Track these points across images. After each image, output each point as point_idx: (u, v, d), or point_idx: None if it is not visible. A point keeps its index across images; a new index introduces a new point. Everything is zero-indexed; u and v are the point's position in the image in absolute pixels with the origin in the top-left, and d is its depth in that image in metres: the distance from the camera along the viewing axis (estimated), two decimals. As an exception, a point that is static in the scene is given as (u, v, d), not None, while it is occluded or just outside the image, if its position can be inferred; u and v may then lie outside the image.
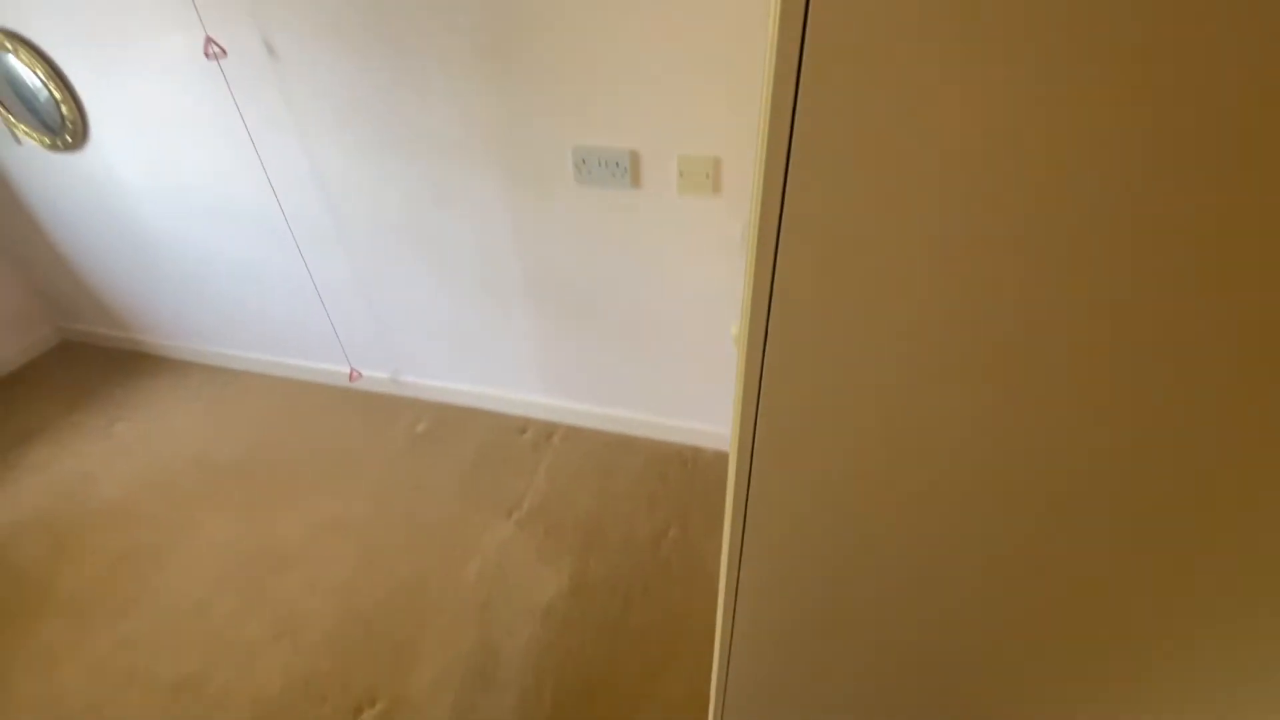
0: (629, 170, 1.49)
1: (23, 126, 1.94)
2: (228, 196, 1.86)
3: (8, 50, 1.75)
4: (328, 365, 2.25)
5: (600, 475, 1.91)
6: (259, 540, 1.75)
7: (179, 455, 2.04)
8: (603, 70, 1.35)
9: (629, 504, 1.82)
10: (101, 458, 2.05)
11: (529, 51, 1.37)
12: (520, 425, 2.10)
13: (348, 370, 2.20)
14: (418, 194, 1.68)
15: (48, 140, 1.94)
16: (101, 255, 2.24)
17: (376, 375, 2.20)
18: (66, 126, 1.88)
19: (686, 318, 1.71)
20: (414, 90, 1.49)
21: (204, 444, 2.08)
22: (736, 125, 1.36)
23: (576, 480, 1.90)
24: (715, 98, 1.33)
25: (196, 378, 2.40)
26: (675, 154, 1.44)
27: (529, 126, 1.48)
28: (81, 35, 1.66)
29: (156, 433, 2.14)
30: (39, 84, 1.80)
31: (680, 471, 1.92)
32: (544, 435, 2.06)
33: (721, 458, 1.96)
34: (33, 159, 2.03)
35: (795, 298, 0.47)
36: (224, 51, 1.52)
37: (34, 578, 1.68)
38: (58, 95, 1.81)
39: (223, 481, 1.94)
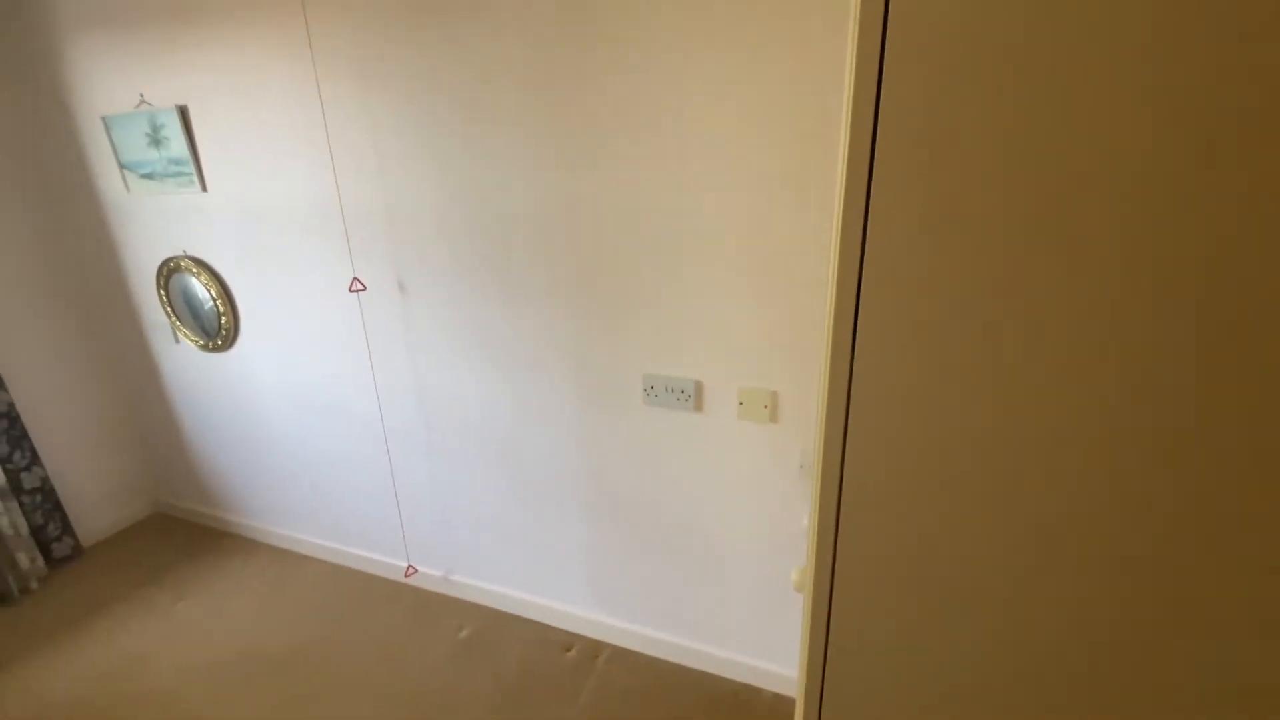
0: (693, 397, 1.61)
1: (184, 330, 2.32)
2: (340, 397, 2.10)
3: (193, 274, 2.18)
4: (387, 558, 2.29)
5: (645, 707, 1.75)
6: (282, 751, 1.66)
7: (230, 644, 2.04)
8: (671, 311, 1.54)
9: (676, 750, 1.63)
10: (159, 638, 2.07)
11: (607, 290, 1.59)
12: (566, 641, 2.01)
13: (405, 565, 2.23)
14: (500, 405, 1.84)
15: (202, 342, 2.31)
16: (215, 439, 2.50)
17: (431, 572, 2.22)
18: (221, 332, 2.24)
19: (746, 546, 1.69)
20: (508, 316, 1.72)
21: (255, 632, 2.08)
22: (793, 365, 1.47)
23: (619, 711, 1.74)
24: (774, 341, 1.47)
25: (263, 558, 2.48)
26: (736, 386, 1.56)
27: (605, 353, 1.66)
28: (253, 268, 2.06)
29: (214, 615, 2.17)
30: (209, 298, 2.20)
31: (733, 713, 1.73)
32: (589, 655, 1.95)
33: (782, 702, 1.77)
34: (184, 356, 2.39)
35: (862, 553, 0.48)
36: (364, 286, 1.84)
37: (56, 771, 1.63)
38: (221, 308, 2.19)
39: (265, 675, 1.90)
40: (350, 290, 1.86)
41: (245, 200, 1.97)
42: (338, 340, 2.00)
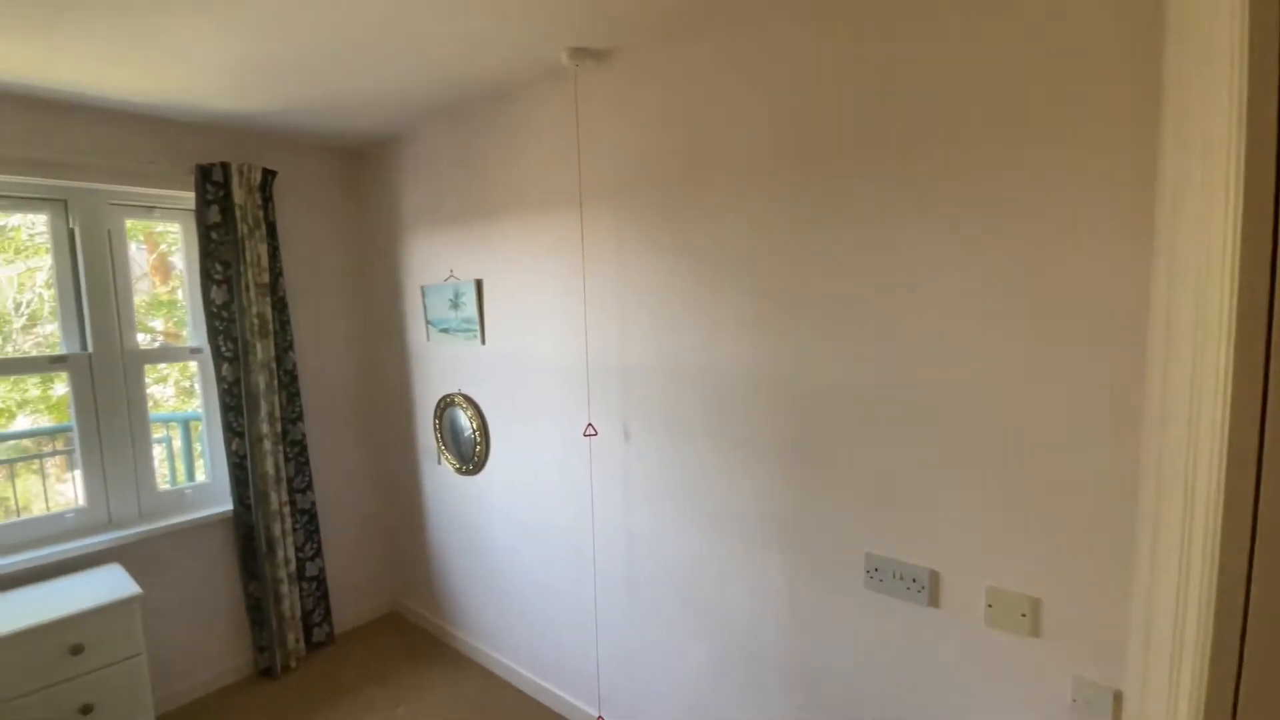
0: (926, 588, 1.44)
1: (447, 454, 2.74)
2: (559, 530, 2.27)
3: (461, 408, 2.61)
4: (580, 702, 2.28)
5: None
6: None
7: (432, 759, 2.14)
8: (902, 486, 1.44)
9: None
10: (377, 739, 2.26)
11: (829, 458, 1.55)
12: None
13: (596, 714, 2.19)
14: (706, 564, 1.83)
15: (458, 465, 2.69)
16: (451, 553, 2.82)
17: (619, 728, 2.15)
18: (474, 458, 2.60)
19: (995, 784, 1.38)
20: (723, 475, 1.75)
21: (454, 753, 2.17)
22: (1064, 566, 1.26)
23: None
24: (1037, 534, 1.28)
25: (472, 676, 2.63)
26: (984, 583, 1.36)
27: (823, 525, 1.58)
28: (508, 407, 2.41)
29: (423, 726, 2.32)
30: (470, 429, 2.59)
31: None
32: None
33: None
34: (442, 476, 2.80)
35: None
36: (596, 432, 2.04)
37: None
38: (478, 438, 2.56)
39: (456, 807, 1.94)
40: (584, 434, 2.07)
41: (511, 353, 2.36)
42: (566, 477, 2.20)
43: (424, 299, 2.71)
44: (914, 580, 1.46)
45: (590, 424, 2.06)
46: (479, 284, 2.46)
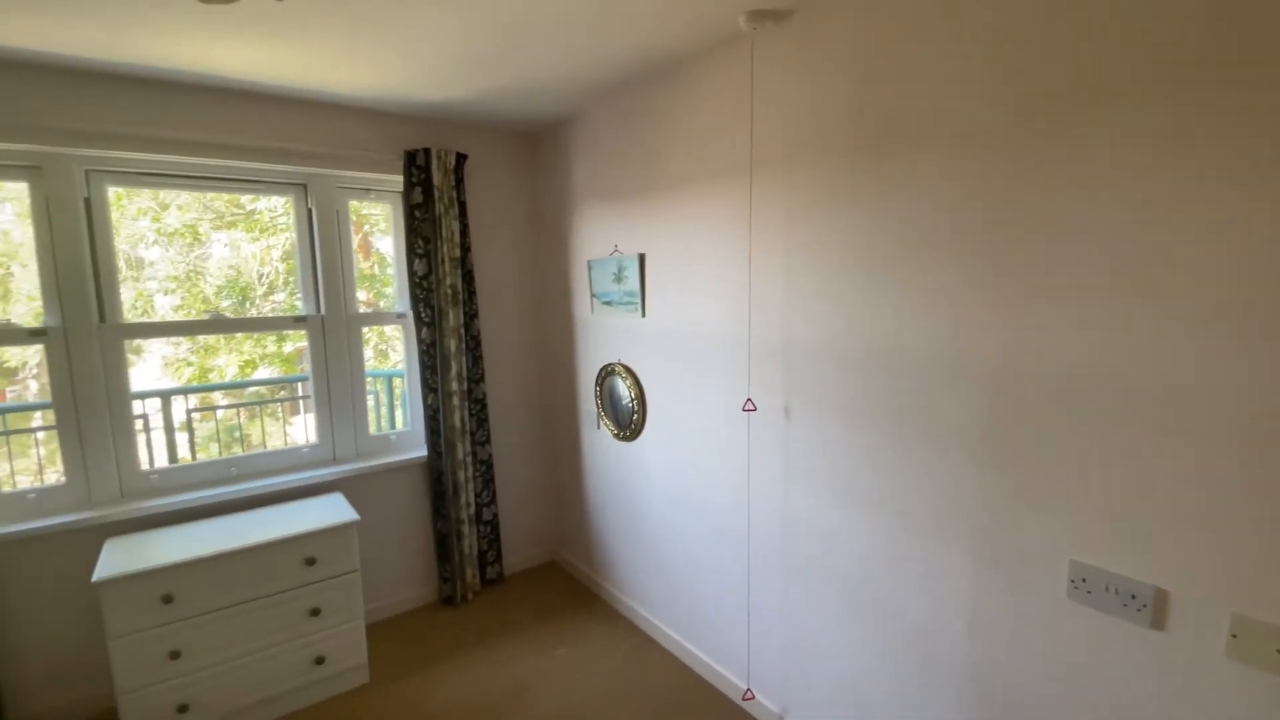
0: (1149, 607, 1.24)
1: (606, 420, 2.88)
2: (713, 504, 2.30)
3: (621, 377, 2.72)
4: (728, 672, 2.31)
5: None
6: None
7: (586, 702, 2.30)
8: (1128, 485, 1.25)
9: None
10: (539, 674, 2.47)
11: (1033, 449, 1.38)
12: None
13: (744, 688, 2.21)
14: (872, 552, 1.74)
15: (615, 431, 2.82)
16: (606, 512, 2.97)
17: (768, 705, 2.14)
18: (631, 426, 2.71)
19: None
20: (899, 461, 1.64)
21: (605, 695, 2.31)
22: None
23: None
24: (1313, 566, 1.05)
25: (624, 630, 2.78)
26: (1228, 608, 1.15)
27: (1019, 524, 1.43)
28: (666, 379, 2.46)
29: (582, 669, 2.49)
30: (628, 398, 2.70)
31: None
32: None
33: None
34: (600, 440, 2.95)
35: None
36: (755, 408, 2.02)
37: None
38: (635, 407, 2.66)
39: (610, 748, 2.07)
40: (743, 409, 2.06)
41: (670, 325, 2.40)
42: (722, 451, 2.21)
43: (589, 273, 2.85)
44: (1133, 596, 1.27)
45: (750, 399, 2.04)
46: (641, 258, 2.52)
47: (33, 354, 4.20)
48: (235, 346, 6.59)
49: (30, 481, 2.80)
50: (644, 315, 2.56)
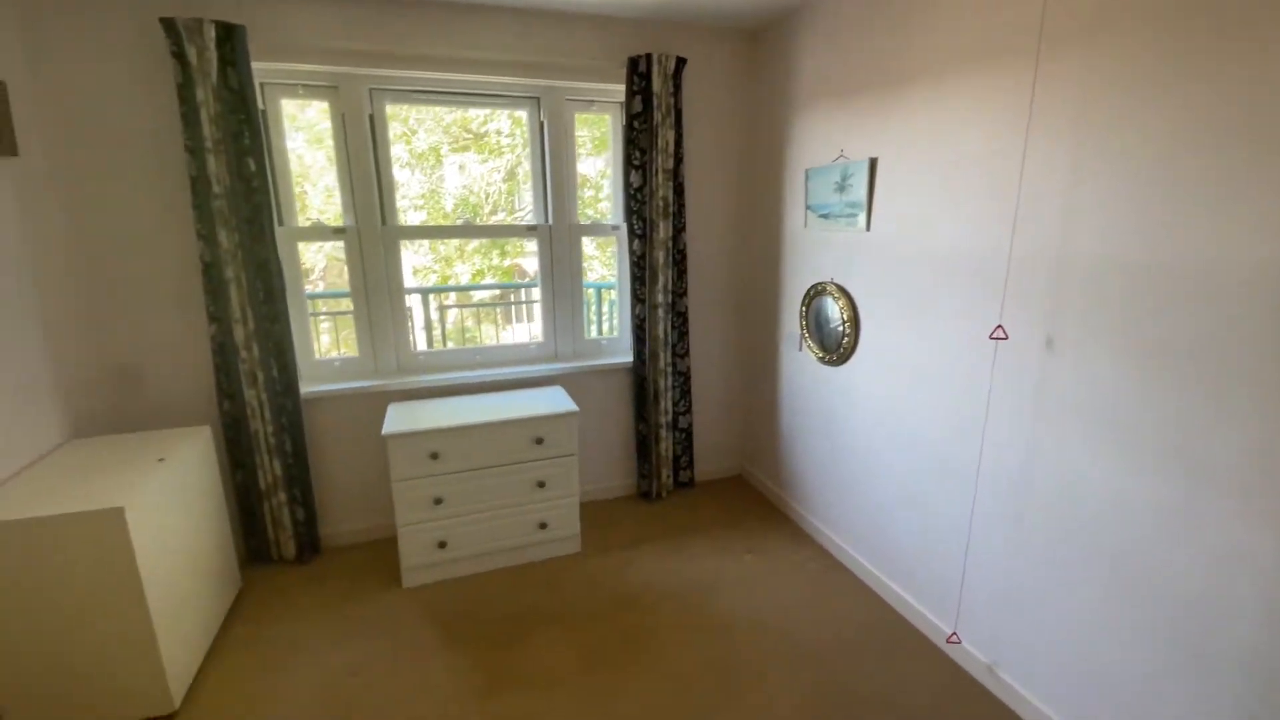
0: None
1: (810, 342, 2.77)
2: (933, 439, 2.13)
3: (833, 297, 2.56)
4: (928, 611, 2.21)
5: None
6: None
7: (775, 610, 2.37)
8: None
9: None
10: (728, 575, 2.60)
11: None
12: (1150, 845, 1.50)
13: (948, 631, 2.10)
14: (1142, 512, 1.48)
15: (820, 354, 2.71)
16: (801, 434, 2.93)
17: (973, 652, 2.02)
18: (839, 349, 2.58)
19: None
20: (1207, 412, 1.34)
21: (794, 608, 2.36)
22: None
23: None
24: None
25: (806, 546, 2.79)
26: None
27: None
28: (887, 300, 2.26)
29: (770, 578, 2.57)
30: (839, 320, 2.55)
31: None
32: None
33: None
34: (801, 362, 2.87)
35: None
36: (1006, 336, 1.78)
37: (637, 633, 2.23)
38: (846, 330, 2.51)
39: (799, 662, 2.13)
40: (990, 337, 1.82)
41: (901, 240, 2.18)
42: (953, 382, 2.01)
43: (806, 183, 2.67)
44: None
45: (1000, 325, 1.79)
46: (872, 164, 2.28)
47: (319, 257, 5.19)
48: (467, 258, 7.51)
49: (336, 353, 3.49)
50: (868, 228, 2.35)
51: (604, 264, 4.85)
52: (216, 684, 2.02)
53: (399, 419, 2.50)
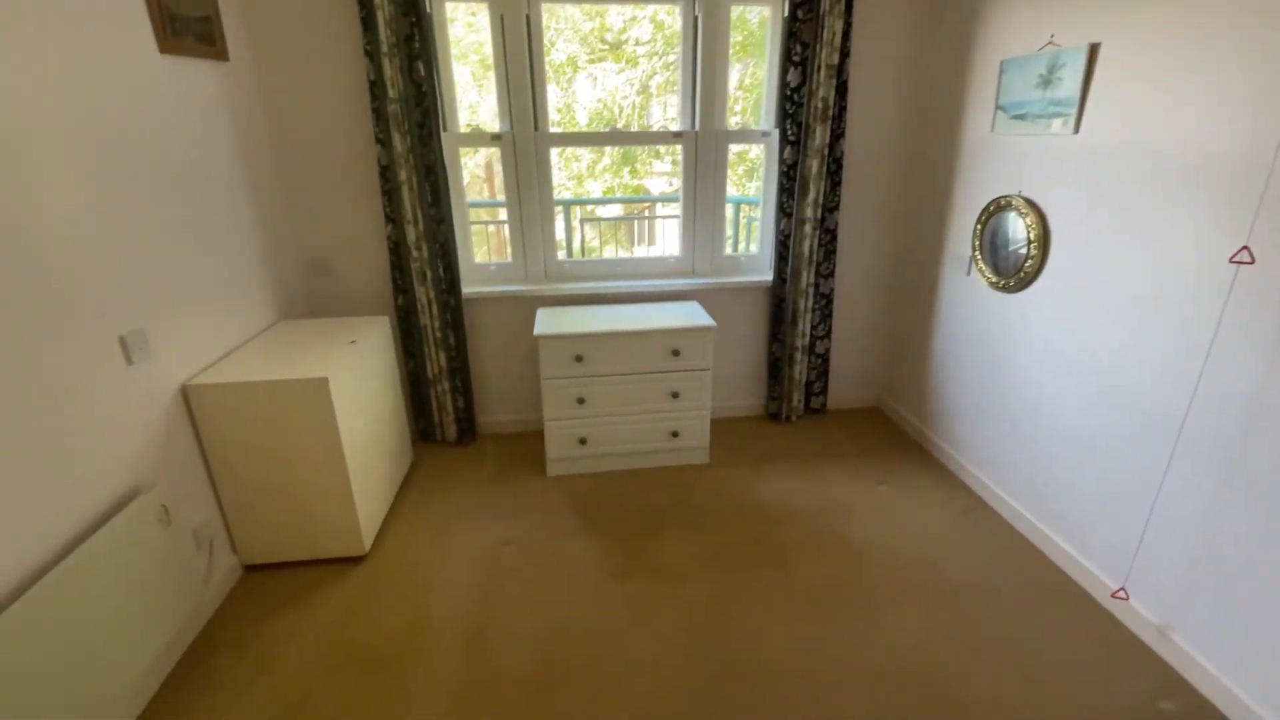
0: None
1: (982, 265, 2.49)
2: (1129, 380, 1.87)
3: (1020, 214, 2.25)
4: (1092, 565, 2.03)
5: None
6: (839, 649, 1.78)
7: (910, 541, 2.30)
8: None
9: None
10: (859, 502, 2.54)
11: None
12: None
13: (1115, 586, 1.92)
14: None
15: (993, 279, 2.43)
16: (958, 367, 2.70)
17: (1142, 612, 1.84)
18: (1018, 274, 2.29)
19: None
20: None
21: (932, 541, 2.27)
22: None
23: None
24: None
25: (948, 482, 2.64)
26: None
27: None
28: (1090, 217, 1.95)
29: (905, 511, 2.48)
30: (1023, 241, 2.25)
31: None
32: None
33: None
34: (967, 287, 2.60)
35: None
36: (1253, 260, 1.47)
37: (765, 543, 2.26)
38: (1032, 252, 2.21)
39: (938, 601, 2.06)
40: (1230, 260, 1.52)
41: (1121, 142, 1.83)
42: (1168, 315, 1.72)
43: (1000, 77, 2.30)
44: None
45: (1245, 248, 1.48)
46: (1091, 51, 1.91)
47: (473, 165, 5.43)
48: (598, 176, 7.52)
49: (490, 258, 3.69)
50: (1076, 131, 2.00)
51: (735, 183, 4.64)
52: (396, 537, 2.36)
53: (548, 322, 2.63)
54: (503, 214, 2.98)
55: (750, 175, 4.51)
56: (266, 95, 2.49)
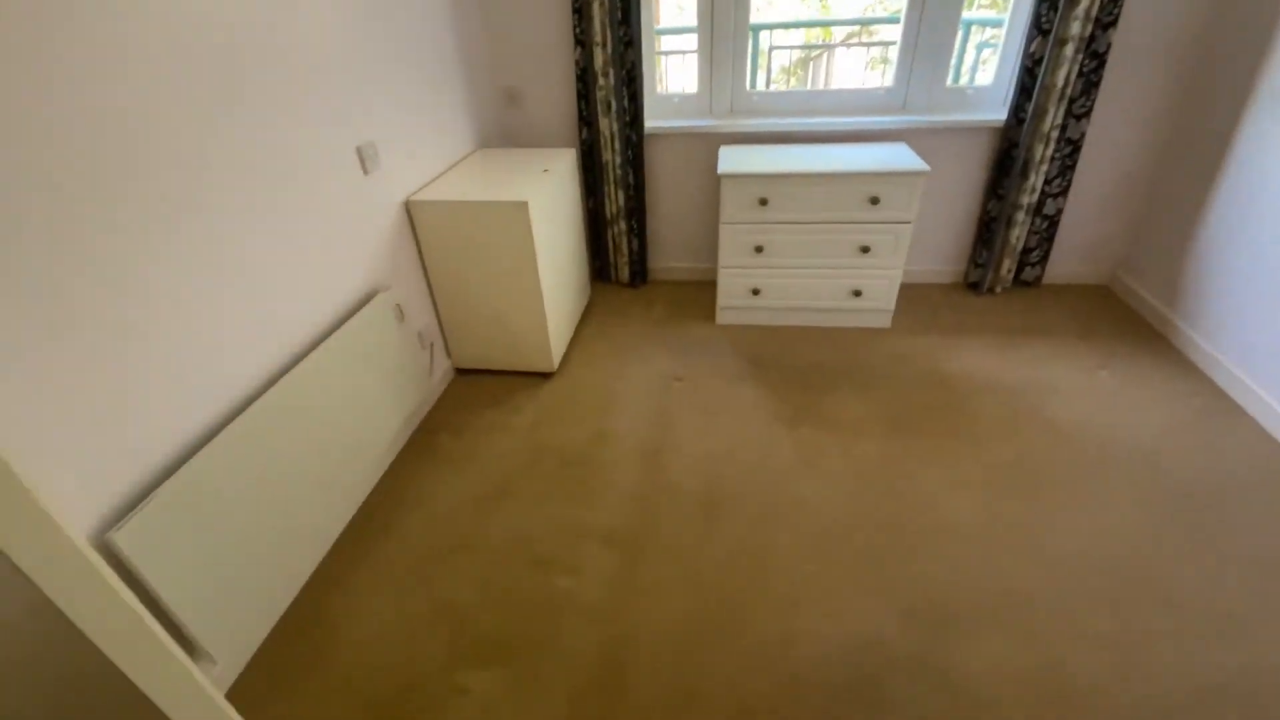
0: None
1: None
2: None
3: None
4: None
5: None
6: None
7: (1124, 426, 2.02)
8: None
9: None
10: (1072, 385, 2.24)
11: None
12: None
13: None
14: None
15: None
16: (1238, 245, 2.14)
17: None
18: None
19: None
20: None
21: (1161, 434, 1.97)
22: None
23: None
24: None
25: (1195, 384, 2.23)
26: None
27: None
28: None
29: (1127, 400, 2.16)
30: None
31: None
32: None
33: None
34: (1275, 138, 1.97)
35: None
36: None
37: (947, 413, 2.09)
38: None
39: (1114, 475, 1.82)
40: None
41: None
42: None
43: None
44: None
45: None
46: None
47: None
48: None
49: (676, 89, 3.47)
50: None
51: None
52: (578, 362, 2.54)
53: (732, 161, 2.47)
54: (691, 42, 2.73)
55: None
56: (464, -97, 2.40)
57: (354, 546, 1.76)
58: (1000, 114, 2.56)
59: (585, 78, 2.61)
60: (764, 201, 2.40)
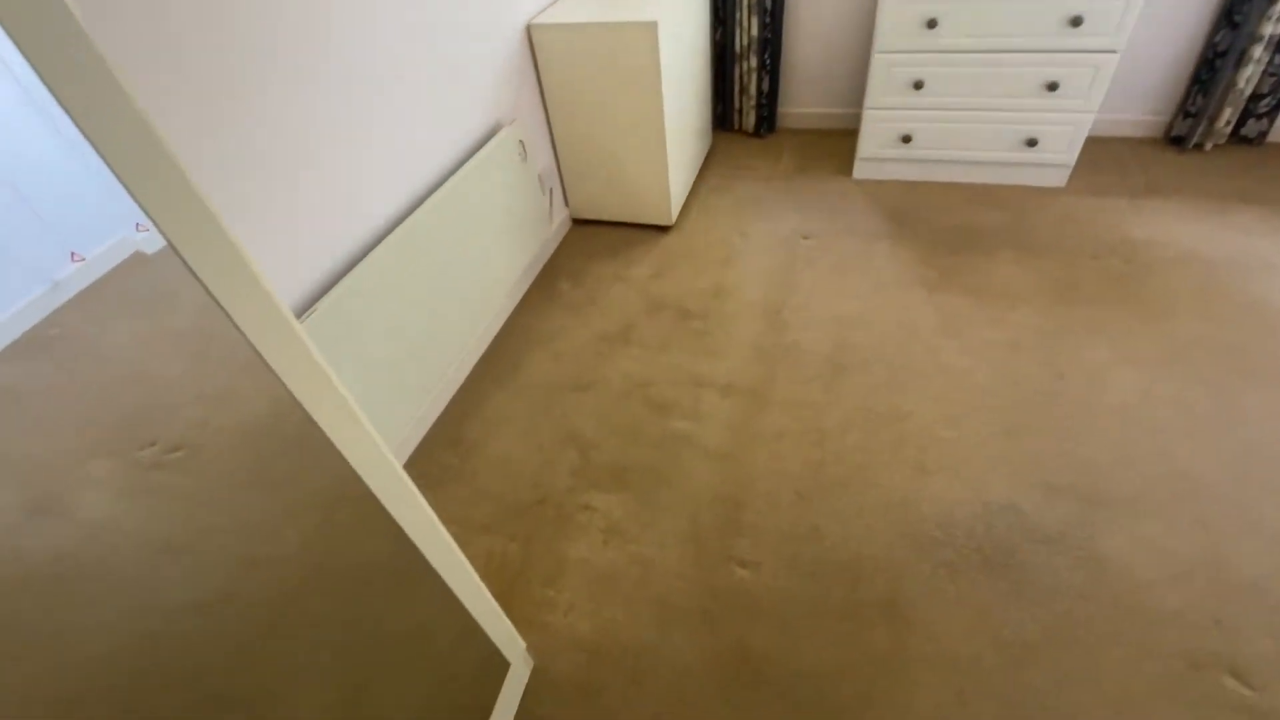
0: None
1: None
2: None
3: None
4: None
5: None
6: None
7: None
8: None
9: None
10: (1207, 235, 1.86)
11: None
12: None
13: None
14: None
15: None
16: None
17: None
18: None
19: None
20: None
21: None
22: None
23: None
24: None
25: None
26: None
27: None
28: None
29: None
30: None
31: None
32: None
33: None
34: None
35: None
36: None
37: (1129, 283, 1.81)
38: None
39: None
40: None
41: None
42: None
43: None
44: None
45: None
46: None
47: None
48: None
49: None
50: None
51: None
52: (697, 215, 2.41)
53: (897, -27, 2.07)
54: None
55: None
56: None
57: (487, 379, 1.86)
58: (1276, -103, 1.94)
59: (726, -128, 2.22)
60: (932, 24, 2.03)
